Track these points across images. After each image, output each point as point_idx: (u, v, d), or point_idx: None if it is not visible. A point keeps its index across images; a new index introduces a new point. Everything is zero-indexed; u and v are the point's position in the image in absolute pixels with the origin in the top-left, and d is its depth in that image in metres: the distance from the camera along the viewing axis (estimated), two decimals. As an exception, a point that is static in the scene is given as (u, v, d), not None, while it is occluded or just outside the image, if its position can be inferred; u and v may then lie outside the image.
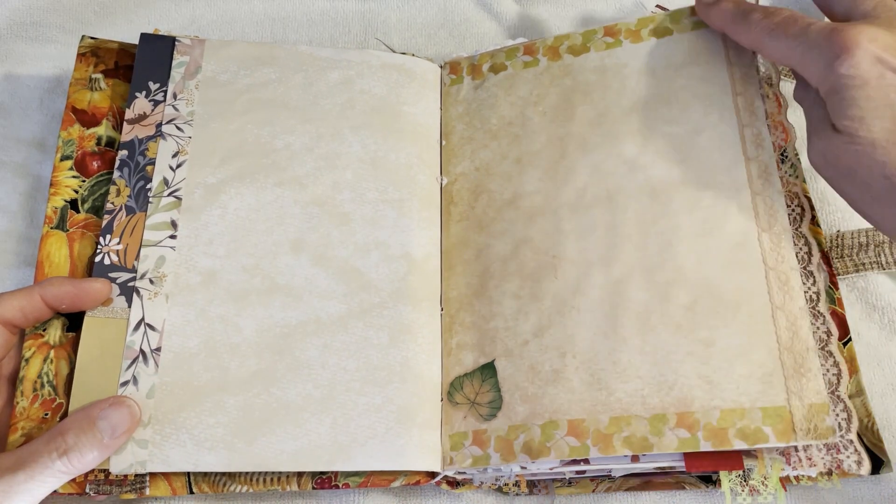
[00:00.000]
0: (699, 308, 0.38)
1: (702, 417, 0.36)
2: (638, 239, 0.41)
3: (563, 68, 0.46)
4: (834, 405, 0.36)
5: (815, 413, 0.35)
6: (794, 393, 0.36)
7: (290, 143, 0.45)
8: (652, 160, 0.42)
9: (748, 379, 0.36)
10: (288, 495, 0.43)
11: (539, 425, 0.38)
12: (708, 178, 0.41)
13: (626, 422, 0.37)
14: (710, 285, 0.39)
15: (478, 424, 0.39)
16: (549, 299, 0.41)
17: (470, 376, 0.41)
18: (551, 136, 0.45)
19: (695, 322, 0.38)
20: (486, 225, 0.44)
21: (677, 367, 0.37)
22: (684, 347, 0.38)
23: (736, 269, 0.39)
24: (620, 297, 0.40)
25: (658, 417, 0.37)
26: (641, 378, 0.38)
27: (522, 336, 0.40)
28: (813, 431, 0.35)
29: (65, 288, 0.39)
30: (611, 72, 0.45)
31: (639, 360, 0.38)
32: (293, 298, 0.41)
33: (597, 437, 0.37)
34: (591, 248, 0.41)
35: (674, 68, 0.44)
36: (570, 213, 0.42)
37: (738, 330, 0.37)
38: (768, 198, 0.40)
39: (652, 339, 0.38)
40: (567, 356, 0.39)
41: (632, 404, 0.37)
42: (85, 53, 0.47)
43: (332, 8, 0.56)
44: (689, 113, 0.42)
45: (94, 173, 0.45)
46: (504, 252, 0.43)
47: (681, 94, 0.43)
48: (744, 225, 0.39)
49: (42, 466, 0.34)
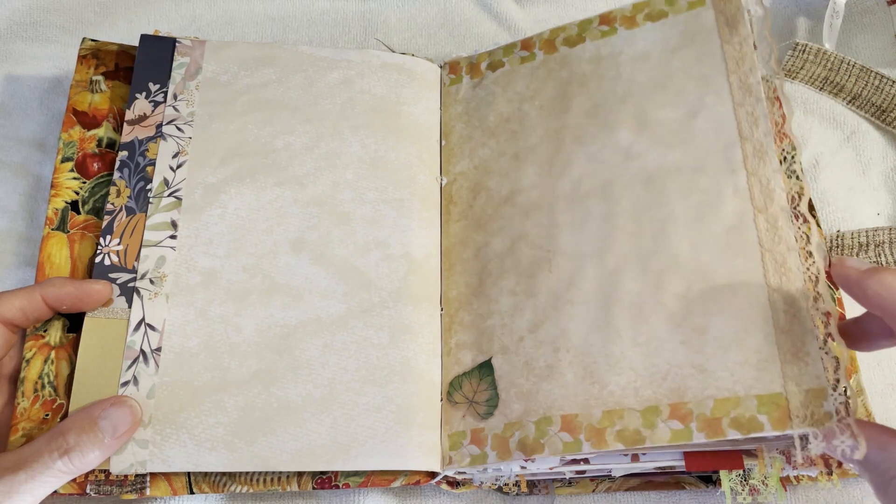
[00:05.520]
0: (693, 295, 0.37)
1: (695, 408, 0.35)
2: (632, 228, 0.40)
3: (559, 61, 0.46)
4: (833, 389, 0.33)
5: (812, 399, 0.33)
6: (790, 378, 0.34)
7: (290, 143, 0.45)
8: (647, 147, 0.41)
9: (743, 366, 0.35)
10: (288, 495, 0.43)
11: (533, 422, 0.38)
12: (703, 161, 0.40)
13: (618, 415, 0.36)
14: (705, 271, 0.37)
15: (476, 423, 0.39)
16: (543, 294, 0.40)
17: (468, 375, 0.41)
18: (548, 130, 0.44)
19: (688, 310, 0.37)
20: (485, 223, 0.44)
21: (670, 357, 0.36)
22: (677, 336, 0.37)
23: (731, 253, 0.37)
24: (614, 289, 0.39)
25: (651, 409, 0.36)
26: (634, 370, 0.37)
27: (518, 332, 0.40)
28: (810, 418, 0.33)
29: (66, 289, 0.39)
30: (606, 60, 0.44)
31: (632, 352, 0.37)
32: (293, 298, 0.41)
33: (590, 431, 0.36)
34: (586, 240, 0.40)
35: (669, 51, 0.43)
36: (566, 207, 0.42)
37: (733, 315, 0.36)
38: (764, 177, 0.38)
39: (645, 329, 0.37)
40: (561, 351, 0.39)
41: (624, 397, 0.36)
42: (86, 55, 0.47)
43: (332, 8, 0.56)
44: (685, 96, 0.41)
45: (94, 175, 0.45)
46: (501, 249, 0.42)
47: (676, 78, 0.42)
48: (739, 207, 0.38)
49: (43, 466, 0.34)
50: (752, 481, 0.39)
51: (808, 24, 0.53)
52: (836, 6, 0.50)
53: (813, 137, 0.50)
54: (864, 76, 0.49)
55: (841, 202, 0.48)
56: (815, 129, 0.50)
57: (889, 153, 0.49)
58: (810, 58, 0.49)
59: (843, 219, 0.46)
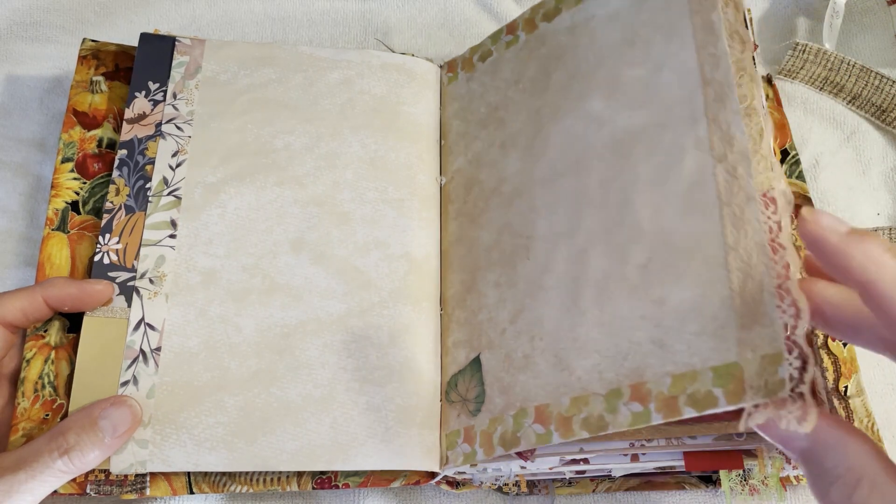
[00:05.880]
0: (654, 265, 0.33)
1: (654, 387, 0.32)
2: (600, 201, 0.37)
3: (538, 38, 0.44)
4: (788, 353, 0.28)
5: (767, 365, 0.28)
6: (745, 345, 0.29)
7: (290, 143, 0.45)
8: (616, 111, 0.38)
9: (699, 336, 0.31)
10: (288, 495, 0.43)
11: (512, 415, 0.36)
12: (667, 116, 0.36)
13: (584, 402, 0.34)
14: (666, 237, 0.34)
15: (468, 421, 0.39)
16: (522, 283, 0.38)
17: (463, 373, 0.40)
18: (529, 112, 0.42)
19: (649, 281, 0.33)
20: (476, 217, 0.43)
21: (631, 335, 0.33)
22: (638, 311, 0.33)
23: (689, 213, 0.33)
24: (582, 268, 0.36)
25: (613, 393, 0.33)
26: (599, 352, 0.34)
27: (501, 325, 0.39)
28: (764, 388, 0.28)
29: (67, 289, 0.39)
30: (580, 28, 0.42)
31: (596, 333, 0.34)
32: (293, 298, 0.41)
33: (559, 421, 0.34)
34: (559, 221, 0.38)
35: (637, 4, 0.39)
36: (542, 189, 0.39)
37: (691, 282, 0.32)
38: (724, 122, 0.33)
39: (609, 307, 0.34)
40: (535, 339, 0.37)
41: (590, 382, 0.34)
42: (86, 56, 0.47)
43: (332, 8, 0.56)
44: (652, 48, 0.38)
45: (94, 175, 0.45)
46: (489, 242, 0.41)
47: (643, 31, 0.39)
48: (699, 160, 0.34)
49: (43, 466, 0.34)
50: (752, 481, 0.39)
51: (808, 24, 0.53)
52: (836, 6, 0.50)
53: (813, 137, 0.50)
54: (864, 76, 0.49)
55: (841, 202, 0.48)
56: (815, 129, 0.50)
57: (889, 153, 0.49)
58: (810, 58, 0.49)
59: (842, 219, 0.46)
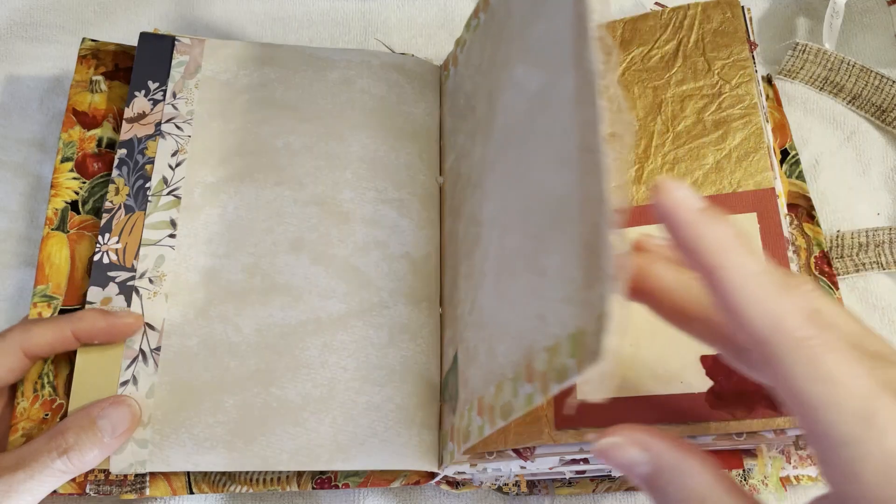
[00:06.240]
0: (543, 233, 0.30)
1: (537, 365, 0.28)
2: (517, 175, 0.33)
3: (491, 14, 0.41)
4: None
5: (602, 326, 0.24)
6: (589, 305, 0.25)
7: (289, 143, 0.45)
8: (529, 74, 0.33)
9: (564, 303, 0.27)
10: (288, 495, 0.43)
11: (467, 409, 0.35)
12: (562, 66, 0.30)
13: (500, 388, 0.31)
14: (547, 201, 0.30)
15: (451, 419, 0.38)
16: (476, 272, 0.36)
17: (451, 371, 0.39)
18: (485, 93, 0.39)
19: (536, 251, 0.30)
20: (456, 210, 0.42)
21: (523, 311, 0.30)
22: (528, 285, 0.30)
23: (560, 168, 0.29)
24: (502, 249, 0.33)
25: (517, 376, 0.30)
26: (510, 334, 0.31)
27: (465, 318, 0.37)
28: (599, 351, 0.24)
29: (97, 324, 0.38)
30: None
31: (507, 315, 0.32)
32: (293, 298, 0.41)
33: (488, 412, 0.32)
34: (496, 203, 0.35)
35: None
36: (490, 172, 0.36)
37: (561, 243, 0.28)
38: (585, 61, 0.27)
39: (514, 286, 0.31)
40: (480, 329, 0.34)
41: (505, 367, 0.31)
42: (86, 56, 0.47)
43: (332, 8, 0.56)
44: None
45: (94, 175, 0.45)
46: (462, 234, 0.40)
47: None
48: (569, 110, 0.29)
49: (42, 465, 0.34)
50: (751, 481, 0.39)
51: (808, 24, 0.53)
52: (836, 6, 0.50)
53: (813, 137, 0.50)
54: (864, 76, 0.49)
55: (841, 202, 0.48)
56: (815, 129, 0.50)
57: (889, 153, 0.49)
58: (810, 58, 0.49)
59: (843, 219, 0.46)
